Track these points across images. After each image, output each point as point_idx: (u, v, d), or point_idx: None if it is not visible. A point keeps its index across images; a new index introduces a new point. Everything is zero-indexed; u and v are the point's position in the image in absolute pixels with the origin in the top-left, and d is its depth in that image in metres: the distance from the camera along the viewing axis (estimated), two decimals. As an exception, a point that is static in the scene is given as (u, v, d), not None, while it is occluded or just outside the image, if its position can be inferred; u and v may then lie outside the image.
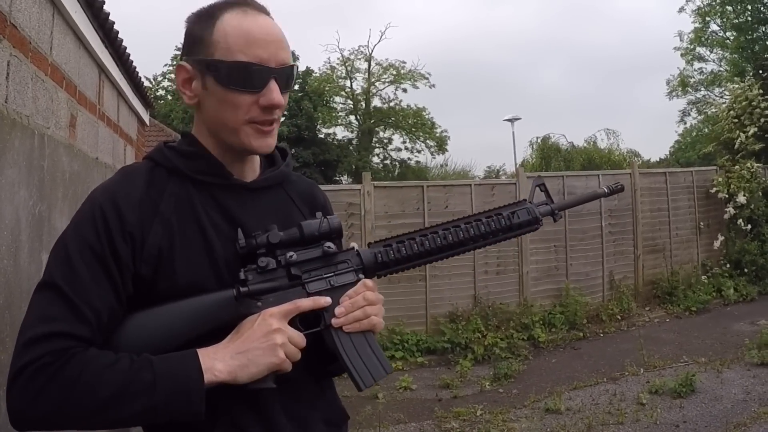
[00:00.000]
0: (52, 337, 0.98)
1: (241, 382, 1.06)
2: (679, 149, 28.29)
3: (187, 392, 1.00)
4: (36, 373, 0.96)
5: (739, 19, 23.90)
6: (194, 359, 1.03)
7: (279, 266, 1.15)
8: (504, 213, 1.37)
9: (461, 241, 1.31)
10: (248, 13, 1.16)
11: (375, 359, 1.19)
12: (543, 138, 17.03)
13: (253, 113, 1.15)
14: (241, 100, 1.14)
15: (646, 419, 4.83)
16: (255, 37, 1.14)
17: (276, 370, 1.08)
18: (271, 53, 1.14)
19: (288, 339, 1.09)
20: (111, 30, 3.94)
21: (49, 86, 2.74)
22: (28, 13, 2.45)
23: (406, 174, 25.95)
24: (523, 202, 1.41)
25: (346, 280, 1.20)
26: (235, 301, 1.10)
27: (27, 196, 2.38)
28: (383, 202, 7.40)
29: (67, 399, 0.96)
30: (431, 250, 1.29)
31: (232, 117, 1.15)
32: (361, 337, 1.18)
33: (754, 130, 10.13)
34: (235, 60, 1.12)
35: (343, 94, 29.60)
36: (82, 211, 1.11)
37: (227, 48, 1.13)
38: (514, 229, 1.37)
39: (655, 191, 9.22)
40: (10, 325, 2.11)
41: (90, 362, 0.98)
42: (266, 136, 1.19)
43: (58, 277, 1.03)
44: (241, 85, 1.13)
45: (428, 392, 5.98)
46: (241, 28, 1.14)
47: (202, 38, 1.16)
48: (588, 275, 8.41)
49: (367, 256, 1.25)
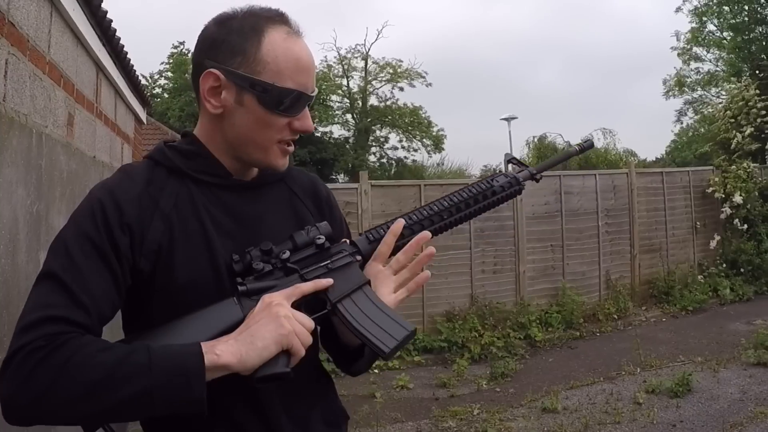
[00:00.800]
0: (47, 322, 0.95)
1: (248, 364, 0.99)
2: (675, 149, 28.31)
3: (186, 375, 0.94)
4: (27, 356, 0.92)
5: (736, 19, 23.93)
6: (195, 345, 0.98)
7: (275, 268, 1.15)
8: (483, 181, 1.41)
9: (447, 208, 1.33)
10: (291, 36, 1.17)
11: (392, 321, 1.16)
12: (540, 137, 17.03)
13: (285, 134, 1.19)
14: (279, 122, 1.16)
15: (642, 419, 4.84)
16: (303, 65, 1.16)
17: (286, 348, 1.03)
18: (311, 81, 1.19)
19: (293, 315, 1.05)
20: (108, 28, 3.92)
21: (46, 84, 2.73)
22: (26, 11, 2.44)
23: (402, 173, 25.94)
24: (500, 172, 1.46)
25: (343, 262, 1.20)
26: (236, 304, 1.09)
27: (25, 195, 2.37)
28: (380, 201, 7.39)
29: (55, 382, 0.90)
30: (421, 221, 1.30)
31: (265, 136, 1.17)
32: (370, 304, 1.17)
33: (750, 130, 10.14)
34: (286, 87, 1.14)
35: (340, 93, 29.60)
36: (81, 207, 1.10)
37: (278, 72, 1.13)
38: (498, 192, 1.40)
39: (652, 191, 9.23)
40: (8, 324, 2.11)
41: (84, 346, 0.94)
42: (287, 156, 1.24)
43: (56, 268, 1.01)
44: (285, 110, 1.15)
45: (425, 391, 5.98)
46: (291, 52, 1.15)
47: (244, 51, 1.14)
48: (584, 275, 8.41)
49: (360, 240, 1.26)
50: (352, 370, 1.33)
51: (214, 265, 1.13)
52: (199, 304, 1.07)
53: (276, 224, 1.22)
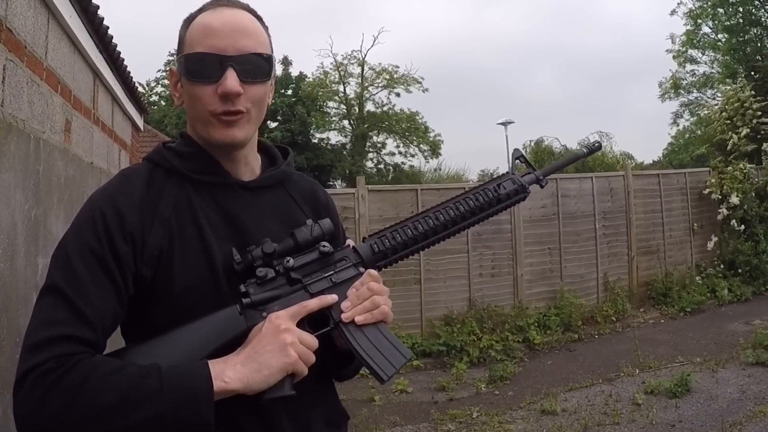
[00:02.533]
0: (55, 341, 0.96)
1: (254, 389, 1.02)
2: (672, 151, 28.43)
3: (196, 400, 0.96)
4: (39, 379, 0.93)
5: (731, 21, 24.04)
6: (203, 367, 1.00)
7: (278, 274, 1.15)
8: (490, 186, 1.40)
9: (453, 218, 1.33)
10: (217, 10, 1.18)
11: (392, 347, 1.17)
12: (536, 141, 17.04)
13: (215, 105, 1.14)
14: (203, 92, 1.14)
15: (641, 419, 4.85)
16: (212, 28, 1.15)
17: (290, 373, 1.05)
18: (228, 42, 1.14)
19: (298, 339, 1.07)
20: (105, 35, 3.93)
21: (44, 90, 2.74)
22: (24, 18, 2.45)
23: (399, 178, 25.94)
24: (507, 174, 1.44)
25: (347, 275, 1.20)
26: (240, 315, 1.10)
27: (23, 200, 2.37)
28: (377, 205, 7.40)
29: (69, 406, 0.92)
30: (426, 231, 1.30)
31: (199, 110, 1.16)
32: (374, 329, 1.17)
33: (746, 131, 10.18)
34: (192, 52, 1.15)
35: (337, 99, 29.64)
36: (82, 214, 1.11)
37: (190, 43, 1.16)
38: (503, 200, 1.39)
39: (649, 193, 9.25)
40: (6, 329, 2.11)
41: (95, 369, 0.95)
42: (229, 127, 1.16)
43: (60, 281, 1.02)
44: (198, 76, 1.14)
45: (424, 395, 5.98)
46: (203, 22, 1.17)
47: (181, 39, 1.20)
48: (582, 277, 8.42)
49: (364, 249, 1.26)
50: (341, 375, 1.33)
51: (211, 269, 1.13)
52: (197, 308, 1.08)
53: (272, 229, 1.21)
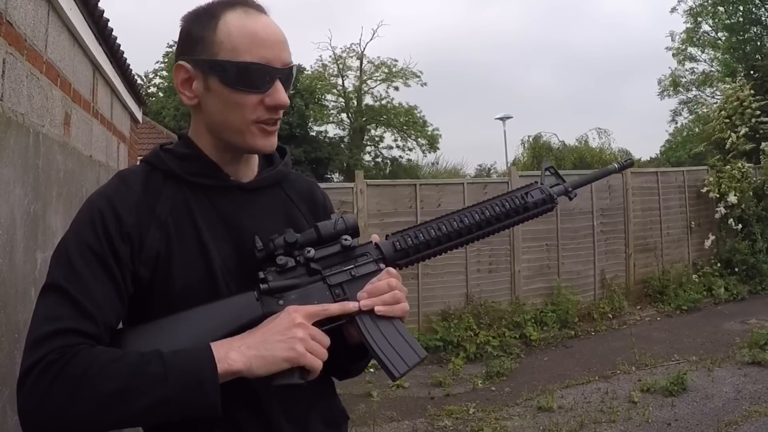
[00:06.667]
0: (57, 335, 0.96)
1: (256, 373, 1.01)
2: (669, 149, 28.41)
3: (200, 383, 0.96)
4: (42, 372, 0.93)
5: (731, 19, 24.04)
6: (207, 350, 0.99)
7: (298, 264, 1.15)
8: (517, 194, 1.38)
9: (477, 222, 1.30)
10: (250, 13, 1.15)
11: (406, 345, 1.15)
12: (534, 137, 17.13)
13: (259, 113, 1.15)
14: (248, 100, 1.13)
15: (638, 417, 4.86)
16: (260, 38, 1.13)
17: (297, 365, 1.04)
18: (275, 54, 1.14)
19: (310, 336, 1.06)
20: (105, 27, 3.92)
21: (43, 84, 2.73)
22: (24, 11, 2.44)
23: (397, 172, 25.98)
24: (535, 183, 1.43)
25: (367, 270, 1.19)
26: (256, 300, 1.10)
27: (22, 195, 2.36)
28: (376, 200, 7.39)
29: (73, 395, 0.92)
30: (450, 234, 1.28)
31: (238, 118, 1.15)
32: (390, 325, 1.15)
33: (745, 130, 10.18)
34: (241, 60, 1.12)
35: (335, 92, 29.63)
36: (81, 216, 1.11)
37: (232, 48, 1.12)
38: (531, 209, 1.38)
39: (647, 190, 9.26)
40: (5, 325, 2.10)
41: (97, 357, 0.96)
42: (270, 136, 1.19)
43: (60, 278, 1.02)
44: (248, 85, 1.13)
45: (421, 390, 5.99)
46: (245, 28, 1.13)
47: (203, 38, 1.15)
48: (580, 274, 8.43)
49: (386, 246, 1.24)
50: (348, 370, 1.32)
51: (209, 270, 1.13)
52: None
53: (270, 229, 1.20)
